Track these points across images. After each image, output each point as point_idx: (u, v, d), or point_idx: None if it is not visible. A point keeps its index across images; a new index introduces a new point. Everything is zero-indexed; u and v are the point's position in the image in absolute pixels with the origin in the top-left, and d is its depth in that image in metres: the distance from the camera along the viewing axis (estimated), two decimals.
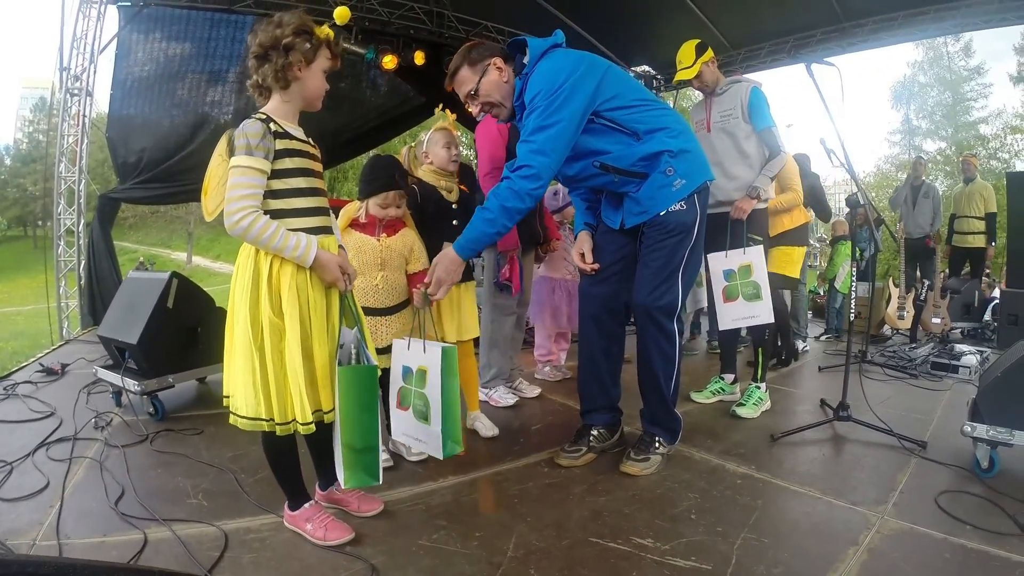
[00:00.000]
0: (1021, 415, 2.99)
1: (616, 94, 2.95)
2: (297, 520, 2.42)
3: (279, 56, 2.18)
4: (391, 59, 8.99)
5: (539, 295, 5.18)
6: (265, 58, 2.20)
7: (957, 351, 5.90)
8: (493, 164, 4.11)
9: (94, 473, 3.01)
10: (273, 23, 2.19)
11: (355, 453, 2.34)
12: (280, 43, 2.17)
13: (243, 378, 2.18)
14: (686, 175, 3.04)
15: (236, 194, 2.11)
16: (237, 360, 2.20)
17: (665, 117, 3.07)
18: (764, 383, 4.31)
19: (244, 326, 2.16)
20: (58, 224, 7.84)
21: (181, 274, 4.33)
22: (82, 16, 7.61)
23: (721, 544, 2.37)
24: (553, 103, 2.81)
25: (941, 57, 39.42)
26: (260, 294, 2.17)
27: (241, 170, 2.12)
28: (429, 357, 2.60)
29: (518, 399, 4.43)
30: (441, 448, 2.56)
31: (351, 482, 2.37)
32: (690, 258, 3.11)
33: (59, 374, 5.16)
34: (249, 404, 2.19)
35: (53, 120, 8.52)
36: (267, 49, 2.18)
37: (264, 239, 2.12)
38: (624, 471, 3.10)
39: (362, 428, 2.33)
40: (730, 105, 4.14)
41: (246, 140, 2.13)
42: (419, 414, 2.64)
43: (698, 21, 9.30)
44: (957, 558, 2.30)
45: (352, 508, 2.64)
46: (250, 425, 2.21)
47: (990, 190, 8.64)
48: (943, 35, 19.05)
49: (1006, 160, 33.71)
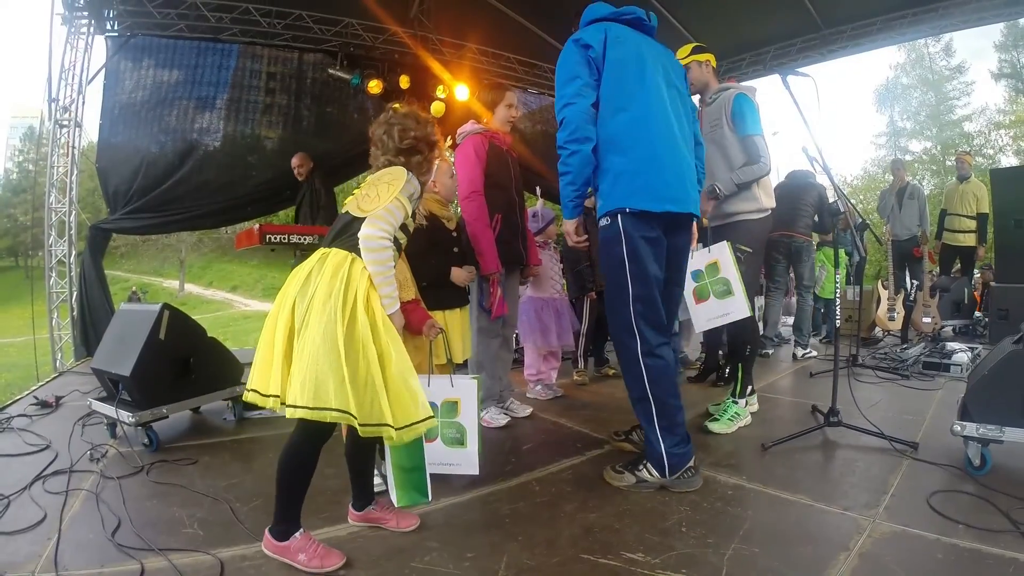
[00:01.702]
0: (1011, 411, 3.02)
1: (614, 63, 3.08)
2: (287, 551, 2.39)
3: (428, 150, 2.71)
4: (376, 84, 9.02)
5: (527, 315, 5.22)
6: (416, 151, 2.66)
7: (948, 349, 5.94)
8: (472, 187, 4.13)
9: (91, 505, 3.01)
10: (419, 120, 2.70)
11: (405, 473, 2.62)
12: (431, 139, 2.70)
13: (334, 374, 2.22)
14: (605, 195, 3.13)
15: (389, 219, 2.42)
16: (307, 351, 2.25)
17: (622, 124, 3.08)
18: (744, 399, 4.21)
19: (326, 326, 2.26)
20: (49, 255, 7.81)
21: (172, 305, 4.34)
22: (70, 47, 7.64)
23: (712, 556, 2.38)
24: (560, 77, 3.12)
25: (923, 58, 39.82)
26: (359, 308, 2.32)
27: (400, 205, 2.47)
28: (460, 390, 3.05)
29: (510, 419, 4.44)
30: (476, 465, 3.06)
31: (403, 500, 2.67)
32: (633, 278, 3.07)
33: (54, 406, 5.14)
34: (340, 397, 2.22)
35: (43, 150, 8.53)
36: (419, 142, 2.67)
37: (382, 268, 2.39)
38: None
39: (409, 449, 2.60)
40: (717, 115, 4.11)
41: (414, 191, 2.57)
42: (451, 441, 3.07)
43: (676, 33, 9.35)
44: (950, 558, 2.32)
45: (391, 525, 2.70)
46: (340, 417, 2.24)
47: (983, 190, 8.66)
48: (921, 38, 19.17)
49: (991, 156, 34.00)
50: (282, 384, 2.27)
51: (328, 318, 2.25)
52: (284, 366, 2.29)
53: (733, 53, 10.27)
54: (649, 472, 3.11)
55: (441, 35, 9.54)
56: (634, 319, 3.07)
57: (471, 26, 9.52)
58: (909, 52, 39.97)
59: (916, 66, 40.40)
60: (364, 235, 2.36)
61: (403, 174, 2.51)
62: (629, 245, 3.05)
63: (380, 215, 2.39)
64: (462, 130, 4.39)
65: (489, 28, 9.52)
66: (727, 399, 4.23)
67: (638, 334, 3.08)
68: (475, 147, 4.21)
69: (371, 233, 2.36)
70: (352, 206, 2.54)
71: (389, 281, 2.40)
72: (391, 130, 2.63)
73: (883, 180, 32.77)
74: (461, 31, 9.65)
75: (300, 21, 8.61)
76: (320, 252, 2.45)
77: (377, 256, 2.36)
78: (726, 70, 10.35)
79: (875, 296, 7.87)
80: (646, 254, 3.07)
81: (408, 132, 2.62)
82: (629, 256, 3.06)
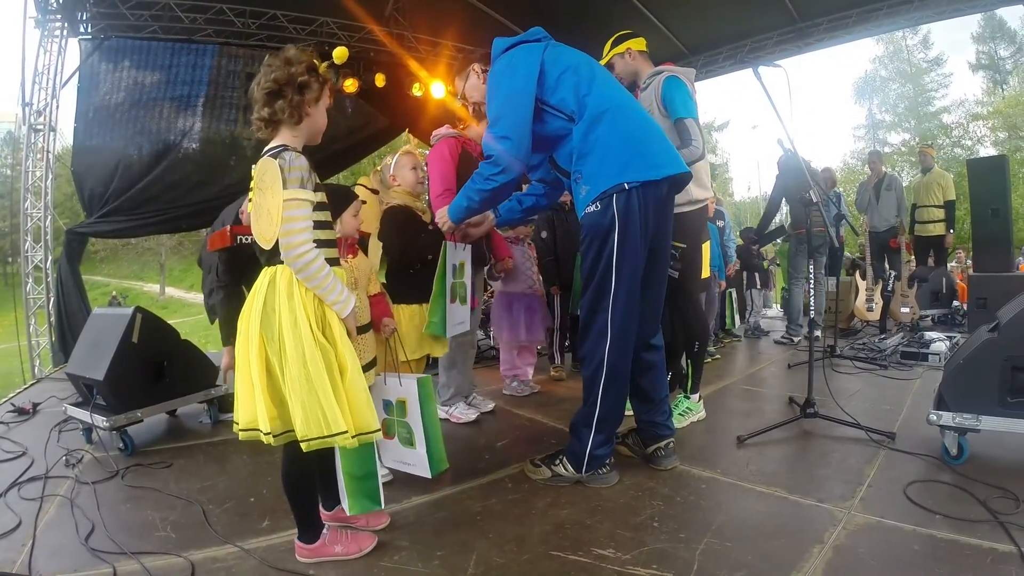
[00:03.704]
0: (987, 400, 3.03)
1: (557, 78, 2.99)
2: (323, 550, 2.41)
3: (294, 93, 2.25)
4: (352, 83, 9.03)
5: (497, 311, 5.24)
6: (279, 94, 2.25)
7: (926, 339, 5.98)
8: (445, 185, 4.18)
9: (65, 510, 3.00)
10: (284, 60, 2.26)
11: (356, 480, 2.54)
12: (296, 80, 2.25)
13: (308, 399, 2.16)
14: (589, 180, 2.96)
15: (299, 227, 2.17)
16: (298, 383, 2.17)
17: (589, 106, 2.95)
18: (696, 393, 4.18)
19: (307, 350, 2.18)
20: (26, 261, 7.76)
21: (145, 309, 4.31)
22: (43, 51, 7.59)
23: (683, 551, 2.37)
24: (496, 95, 2.99)
25: (901, 51, 40.26)
26: (312, 323, 2.21)
27: (299, 203, 2.18)
28: (406, 389, 2.94)
29: (479, 414, 4.46)
30: (428, 467, 2.94)
31: (355, 508, 2.57)
32: (621, 266, 2.92)
33: (30, 413, 5.11)
34: (317, 424, 2.16)
35: (19, 154, 8.46)
36: (282, 86, 2.25)
37: (320, 277, 2.21)
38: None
39: (360, 456, 2.53)
40: (648, 101, 3.89)
41: (300, 174, 2.20)
42: (404, 440, 3.01)
43: (653, 27, 9.37)
44: (926, 549, 2.31)
45: (361, 523, 2.69)
46: (321, 444, 2.18)
47: (948, 178, 8.78)
48: (897, 30, 19.29)
49: (969, 147, 34.30)
50: (270, 419, 2.21)
51: (299, 343, 2.18)
52: (269, 402, 2.23)
53: (710, 47, 10.34)
54: (565, 467, 3.12)
55: (417, 33, 9.54)
56: (609, 321, 2.95)
57: (447, 23, 9.50)
58: (887, 45, 40.38)
59: (894, 59, 40.80)
60: (284, 257, 2.19)
61: (272, 166, 2.20)
62: (621, 236, 2.89)
63: (285, 230, 2.17)
64: (437, 133, 4.49)
65: (465, 25, 9.49)
66: (679, 395, 4.20)
67: (609, 336, 2.96)
68: (449, 148, 4.32)
69: (289, 253, 2.17)
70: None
71: (331, 288, 2.25)
72: (259, 78, 2.31)
73: (862, 172, 33.01)
74: (437, 28, 9.65)
75: (275, 21, 8.60)
76: (266, 272, 2.29)
77: (306, 273, 2.19)
78: (703, 64, 10.41)
79: (853, 287, 7.91)
80: (637, 248, 2.94)
81: (270, 74, 2.27)
82: (619, 251, 2.90)
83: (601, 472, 3.08)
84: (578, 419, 3.12)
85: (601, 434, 3.04)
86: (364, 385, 2.28)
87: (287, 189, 2.17)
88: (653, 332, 3.28)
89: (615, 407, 3.05)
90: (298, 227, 2.17)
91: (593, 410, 3.02)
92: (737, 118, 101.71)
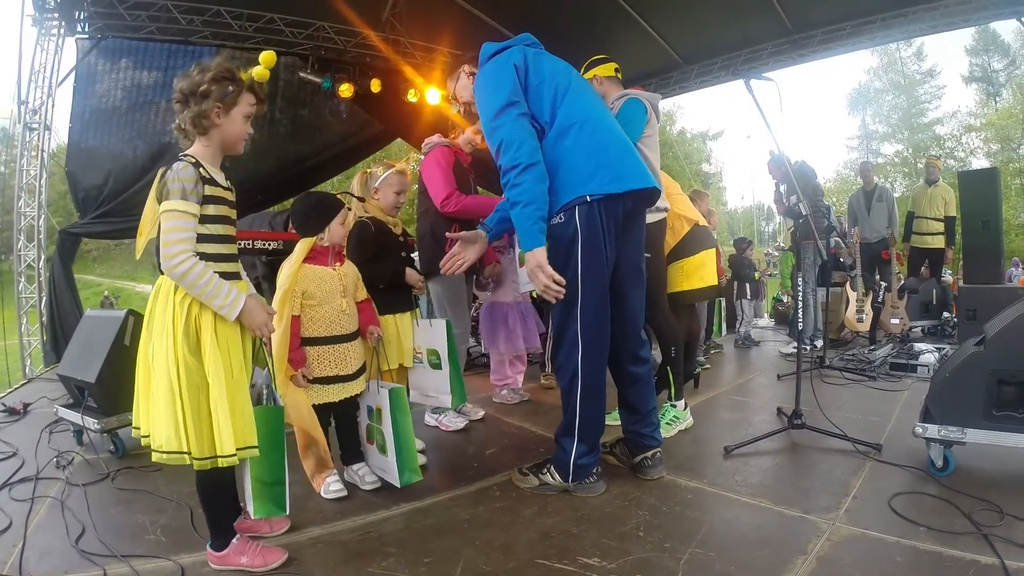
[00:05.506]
0: (972, 413, 3.04)
1: (536, 88, 2.99)
2: (229, 558, 2.41)
3: (196, 102, 2.26)
4: (348, 87, 9.03)
5: (491, 321, 5.21)
6: (185, 103, 2.28)
7: (916, 350, 6.00)
8: (448, 189, 4.28)
9: (56, 512, 3.00)
10: (196, 68, 2.27)
11: (264, 486, 2.60)
12: (198, 89, 2.25)
13: (165, 415, 2.18)
14: (554, 191, 2.91)
15: (174, 237, 2.17)
16: (159, 398, 2.20)
17: (559, 118, 2.96)
18: (682, 400, 4.19)
19: (167, 365, 2.18)
20: (19, 260, 7.74)
21: (138, 312, 4.31)
22: (40, 49, 7.57)
23: (667, 560, 2.39)
24: (490, 106, 2.95)
25: (895, 62, 40.39)
26: (178, 335, 2.20)
27: (177, 214, 2.18)
28: (382, 397, 3.08)
29: (468, 422, 4.48)
30: (398, 477, 3.02)
31: (259, 512, 2.61)
32: (585, 277, 2.91)
33: (21, 414, 5.11)
34: (171, 439, 2.18)
35: (13, 152, 8.43)
36: (186, 95, 2.27)
37: (199, 285, 2.19)
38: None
39: (270, 464, 2.60)
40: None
41: (181, 185, 2.19)
42: (380, 447, 3.14)
43: (648, 37, 9.42)
44: (909, 561, 2.33)
45: (264, 530, 2.71)
46: (171, 459, 2.20)
47: (951, 193, 8.74)
48: (891, 42, 19.36)
49: (962, 159, 34.45)
50: (145, 422, 2.26)
51: (162, 354, 2.19)
52: (145, 404, 2.27)
53: (705, 57, 10.37)
54: (552, 476, 3.13)
55: (413, 38, 9.54)
56: (580, 332, 2.96)
57: (442, 29, 9.51)
58: (881, 56, 40.52)
59: (888, 70, 40.95)
60: (163, 267, 2.20)
61: (156, 184, 2.24)
62: (585, 247, 2.90)
63: (162, 240, 2.18)
64: (429, 141, 4.55)
65: (461, 31, 9.48)
66: (665, 404, 4.17)
67: (581, 347, 2.97)
68: (443, 156, 4.39)
69: (166, 264, 2.17)
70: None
71: (215, 293, 2.22)
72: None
73: (855, 182, 33.18)
74: (433, 34, 9.65)
75: (272, 24, 8.60)
76: (158, 280, 2.31)
77: (186, 281, 2.17)
78: (698, 74, 10.45)
79: (843, 298, 7.95)
80: (602, 259, 2.94)
81: (177, 84, 2.29)
82: (583, 262, 2.91)
83: (588, 481, 3.09)
84: (560, 430, 3.14)
85: (584, 443, 3.05)
86: (226, 404, 2.23)
87: (168, 200, 2.19)
88: (638, 345, 3.26)
89: (594, 416, 3.06)
90: (173, 238, 2.17)
91: (573, 419, 3.03)
92: (732, 128, 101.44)
